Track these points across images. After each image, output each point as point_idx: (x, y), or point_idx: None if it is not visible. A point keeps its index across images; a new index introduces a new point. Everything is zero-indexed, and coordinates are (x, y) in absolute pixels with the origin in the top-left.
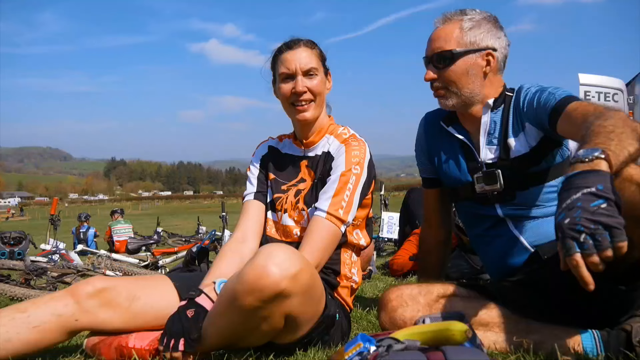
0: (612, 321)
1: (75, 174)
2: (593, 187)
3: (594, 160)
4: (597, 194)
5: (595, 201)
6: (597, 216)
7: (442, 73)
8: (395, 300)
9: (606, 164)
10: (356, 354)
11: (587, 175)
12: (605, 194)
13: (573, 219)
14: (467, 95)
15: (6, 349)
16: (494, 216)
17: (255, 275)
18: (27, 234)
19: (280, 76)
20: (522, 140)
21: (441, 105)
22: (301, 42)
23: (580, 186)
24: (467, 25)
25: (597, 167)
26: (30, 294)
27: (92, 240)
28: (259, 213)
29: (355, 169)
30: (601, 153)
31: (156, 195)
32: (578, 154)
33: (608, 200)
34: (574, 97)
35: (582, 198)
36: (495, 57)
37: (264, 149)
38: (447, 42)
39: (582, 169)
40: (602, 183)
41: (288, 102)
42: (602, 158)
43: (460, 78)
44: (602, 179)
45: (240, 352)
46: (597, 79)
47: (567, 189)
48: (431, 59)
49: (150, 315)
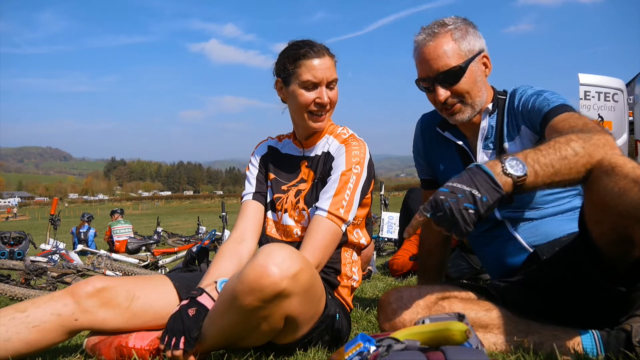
0: (612, 321)
1: (75, 174)
2: (480, 194)
3: (506, 173)
4: (478, 200)
5: (470, 204)
6: (461, 213)
7: (455, 88)
8: (395, 303)
9: (511, 185)
10: (356, 354)
11: (489, 180)
12: (481, 207)
13: (446, 200)
14: (479, 103)
15: (6, 349)
16: (492, 219)
17: (256, 275)
18: (27, 234)
19: (303, 82)
20: (517, 143)
21: (455, 121)
22: (325, 50)
23: (475, 184)
24: (458, 35)
25: (503, 181)
26: (30, 294)
27: (92, 240)
28: (257, 213)
29: (356, 168)
30: (520, 177)
31: (156, 195)
32: (510, 157)
33: (477, 212)
34: (567, 107)
35: (467, 193)
36: (489, 58)
37: (264, 149)
38: (450, 58)
39: (494, 170)
40: (491, 196)
41: (306, 110)
42: (512, 177)
43: (473, 88)
44: (495, 194)
45: (240, 352)
46: (597, 79)
47: (469, 177)
48: (437, 79)
49: (149, 315)
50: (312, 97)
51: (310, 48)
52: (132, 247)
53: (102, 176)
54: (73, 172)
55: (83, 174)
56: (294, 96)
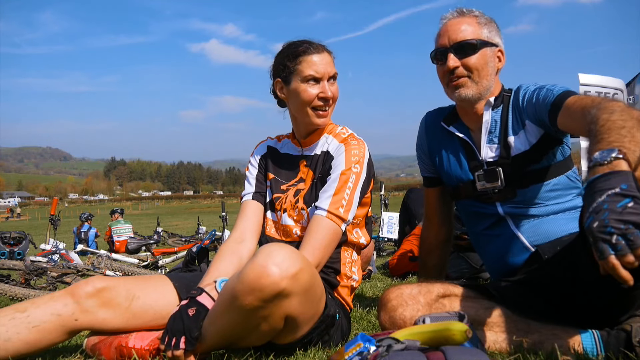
0: (612, 321)
1: (75, 174)
2: (617, 188)
3: (613, 162)
4: (622, 193)
5: (621, 201)
6: (626, 215)
7: (466, 61)
8: (395, 300)
9: (625, 163)
10: (356, 353)
11: (609, 177)
12: (631, 193)
13: (602, 222)
14: (485, 86)
15: (6, 349)
16: (495, 214)
17: (256, 275)
18: (27, 234)
19: (305, 78)
20: (522, 138)
21: (458, 95)
22: (324, 46)
23: (603, 188)
24: (482, 20)
25: (617, 167)
26: (30, 294)
27: (93, 240)
28: (257, 213)
29: (355, 167)
30: (618, 153)
31: (156, 195)
32: (595, 157)
33: (634, 199)
34: (571, 92)
35: (607, 200)
36: (504, 55)
37: (263, 149)
38: (469, 33)
39: (602, 171)
40: (625, 182)
41: (310, 106)
42: (620, 158)
43: (483, 67)
44: (625, 178)
45: (240, 352)
46: (597, 79)
47: (591, 193)
48: (452, 48)
49: (149, 315)
50: (315, 93)
51: (309, 44)
52: (132, 247)
53: (102, 176)
54: (73, 172)
55: (83, 174)
56: (296, 93)
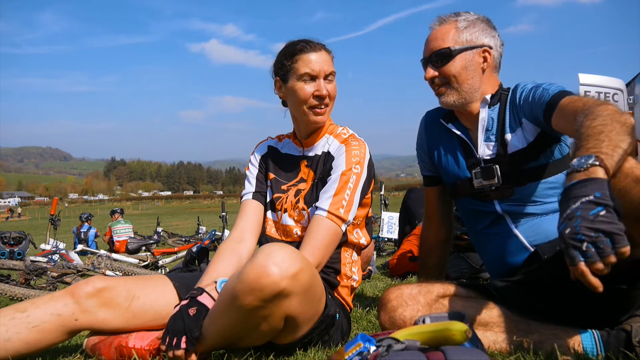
0: (612, 321)
1: (75, 174)
2: (591, 195)
3: (589, 168)
4: (595, 201)
5: (594, 209)
6: (597, 224)
7: (441, 69)
8: (395, 300)
9: (602, 170)
10: (356, 354)
11: (584, 184)
12: (604, 201)
13: (573, 229)
14: (467, 90)
15: (6, 349)
16: (493, 212)
17: (255, 275)
18: (27, 234)
19: (301, 76)
20: (519, 135)
21: (442, 103)
22: (321, 45)
23: (578, 195)
24: (462, 24)
25: (593, 174)
26: (30, 294)
27: (93, 240)
28: (256, 213)
29: (356, 168)
30: (595, 160)
31: (156, 195)
32: (573, 164)
33: (606, 207)
34: (567, 92)
35: (580, 207)
36: (491, 54)
37: (264, 149)
38: (444, 41)
39: (578, 178)
40: (599, 190)
41: (306, 105)
42: (596, 165)
43: (460, 73)
44: (599, 186)
45: (240, 352)
46: (597, 79)
47: (567, 200)
48: (429, 59)
49: (149, 315)
50: (311, 91)
51: (307, 43)
52: (132, 247)
53: (102, 176)
54: (73, 172)
55: (83, 174)
56: (293, 91)
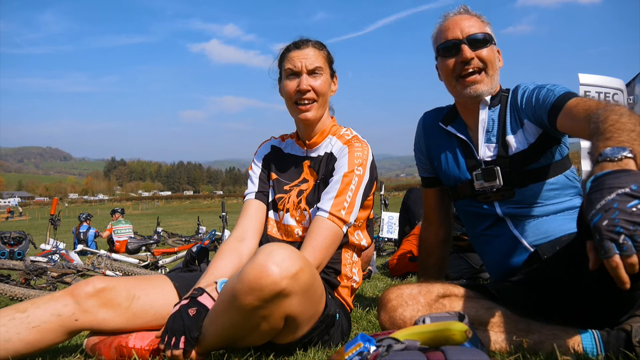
0: (612, 321)
1: (75, 174)
2: (627, 188)
3: (623, 160)
4: (632, 194)
5: (631, 202)
6: (635, 217)
7: (479, 53)
8: (395, 300)
9: (634, 164)
10: (356, 354)
11: (619, 175)
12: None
13: (612, 221)
14: (495, 81)
15: (6, 349)
16: (494, 215)
17: (256, 275)
18: (27, 234)
19: (285, 72)
20: (520, 137)
21: (474, 91)
22: (310, 42)
23: (613, 186)
24: (484, 20)
25: (627, 166)
26: (30, 294)
27: (92, 240)
28: (259, 212)
29: (358, 170)
30: (629, 152)
31: (156, 195)
32: (606, 152)
33: None
34: (572, 94)
35: (617, 199)
36: (501, 56)
37: (267, 149)
38: (479, 28)
39: (611, 168)
40: (635, 183)
41: (292, 101)
42: (630, 157)
43: (494, 62)
44: (635, 178)
45: (240, 352)
46: (597, 79)
47: (599, 189)
48: (466, 40)
49: (149, 315)
50: (293, 86)
51: (294, 42)
52: (132, 247)
53: (102, 176)
54: (73, 172)
55: (83, 174)
56: (282, 90)
